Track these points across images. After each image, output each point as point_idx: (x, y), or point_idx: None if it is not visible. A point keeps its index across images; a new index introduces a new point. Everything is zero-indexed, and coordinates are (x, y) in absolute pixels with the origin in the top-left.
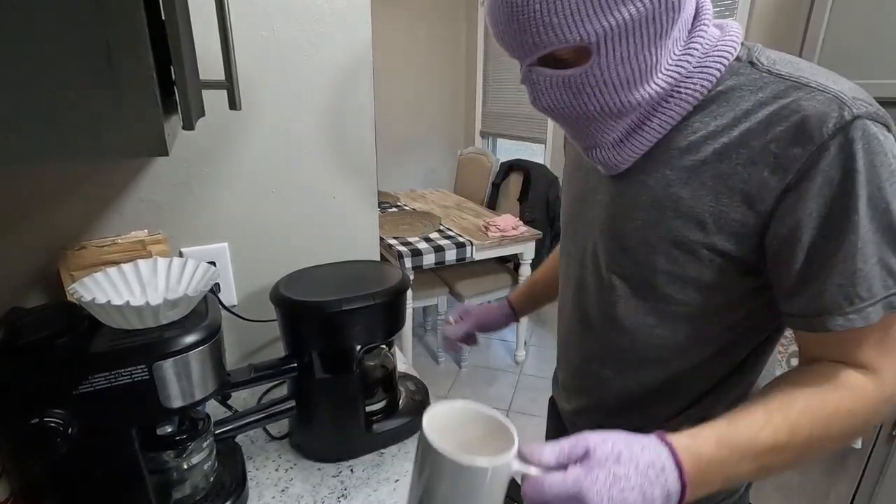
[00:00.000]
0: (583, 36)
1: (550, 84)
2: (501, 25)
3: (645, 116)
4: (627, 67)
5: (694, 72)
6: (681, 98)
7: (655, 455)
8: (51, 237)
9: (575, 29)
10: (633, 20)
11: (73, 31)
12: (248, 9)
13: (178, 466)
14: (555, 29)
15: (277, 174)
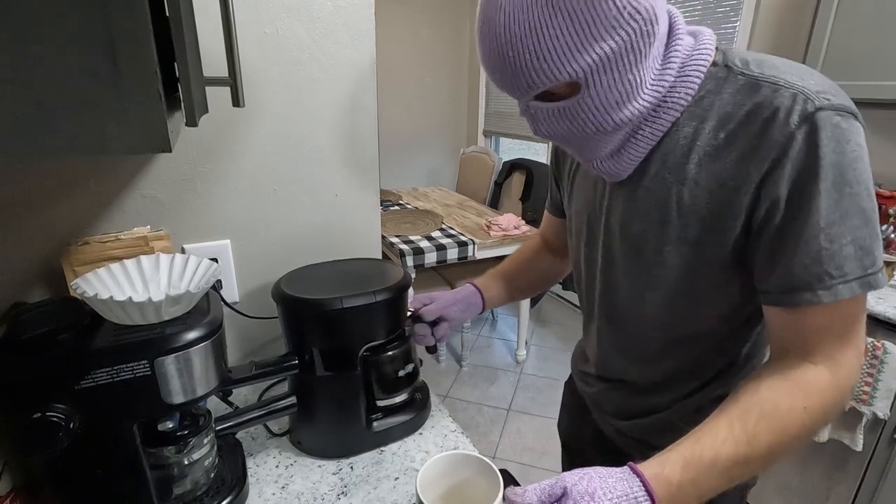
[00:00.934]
0: (570, 74)
1: (548, 115)
2: (497, 73)
3: (636, 128)
4: (615, 91)
5: (676, 83)
6: (667, 107)
7: (628, 487)
8: (54, 233)
9: (563, 69)
10: (613, 52)
11: (77, 28)
12: (251, 6)
13: (179, 462)
14: (545, 72)
15: (280, 171)
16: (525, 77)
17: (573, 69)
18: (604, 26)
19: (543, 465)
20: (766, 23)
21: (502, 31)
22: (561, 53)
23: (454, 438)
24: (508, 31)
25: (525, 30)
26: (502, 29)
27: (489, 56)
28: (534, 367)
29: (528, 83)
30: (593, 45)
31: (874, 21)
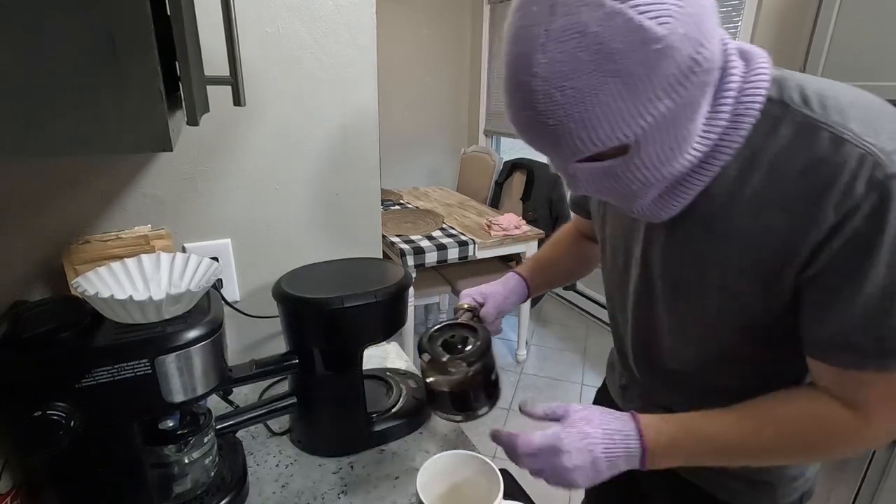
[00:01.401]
0: (620, 139)
1: (590, 175)
2: (535, 139)
3: (684, 177)
4: (666, 148)
5: (729, 128)
6: (719, 153)
7: (622, 425)
8: (55, 231)
9: (612, 135)
10: (669, 111)
11: (78, 27)
12: (252, 5)
13: (179, 461)
14: (592, 139)
15: (281, 171)
16: (568, 145)
17: (623, 134)
18: (661, 87)
19: None
20: (768, 23)
21: (540, 100)
22: (612, 121)
23: (454, 438)
24: (548, 99)
25: (570, 98)
26: (540, 97)
27: (522, 121)
28: (534, 367)
29: (571, 150)
30: (648, 108)
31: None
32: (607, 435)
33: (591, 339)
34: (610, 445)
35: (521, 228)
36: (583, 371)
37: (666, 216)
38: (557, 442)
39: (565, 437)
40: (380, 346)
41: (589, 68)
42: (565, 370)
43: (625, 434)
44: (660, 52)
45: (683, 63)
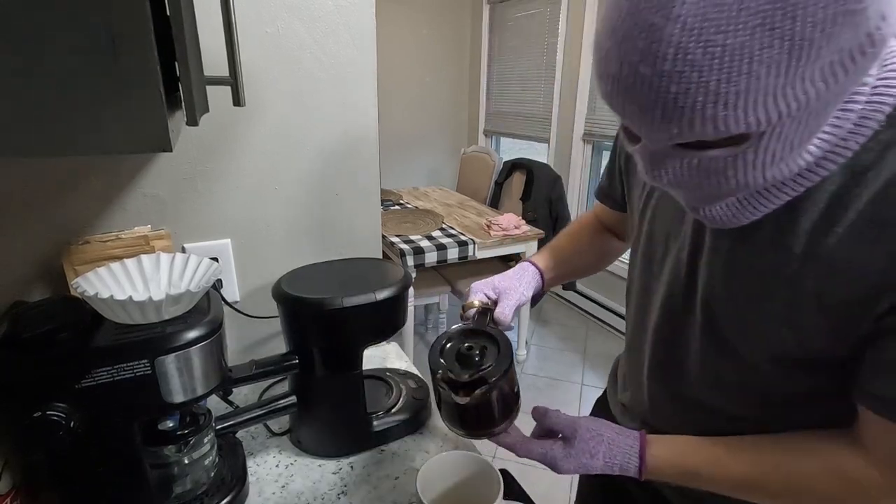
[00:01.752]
0: (751, 125)
1: (682, 164)
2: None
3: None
4: (787, 145)
5: (850, 131)
6: (828, 160)
7: (625, 459)
8: (54, 232)
9: (743, 119)
10: (817, 98)
11: (78, 27)
12: (252, 6)
13: (179, 461)
14: (718, 120)
15: (280, 171)
16: (682, 122)
17: (756, 119)
18: (824, 63)
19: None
20: None
21: (671, 54)
22: (755, 99)
23: (454, 438)
24: (683, 55)
25: (713, 60)
26: (673, 51)
27: (626, 80)
28: (534, 367)
29: (680, 131)
30: (799, 89)
31: None
32: (607, 465)
33: (591, 339)
34: (606, 470)
35: (520, 228)
36: (583, 371)
37: (736, 224)
38: (554, 464)
39: (563, 463)
40: (380, 347)
41: (755, 21)
42: (565, 370)
43: (624, 468)
44: (853, 16)
45: (861, 37)
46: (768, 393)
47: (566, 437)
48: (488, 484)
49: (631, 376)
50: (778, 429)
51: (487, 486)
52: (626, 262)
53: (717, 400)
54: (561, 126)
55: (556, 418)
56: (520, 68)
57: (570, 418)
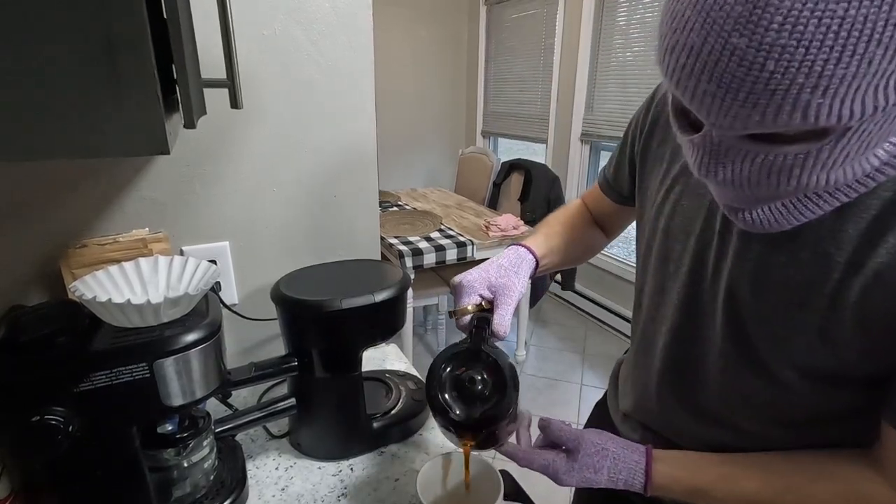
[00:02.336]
0: (843, 117)
1: (744, 159)
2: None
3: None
4: (863, 144)
5: None
6: (890, 166)
7: (631, 476)
8: (52, 235)
9: (837, 110)
10: None
11: (74, 30)
12: (249, 7)
13: (178, 464)
14: (807, 109)
15: (278, 173)
16: (771, 109)
17: (854, 110)
18: None
19: None
20: None
21: (779, 23)
22: (862, 88)
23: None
24: (793, 26)
25: (831, 33)
26: (781, 18)
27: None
28: (533, 368)
29: (762, 119)
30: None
31: None
32: (611, 480)
33: (590, 339)
34: (610, 485)
35: (519, 229)
36: (582, 371)
37: (777, 229)
38: (556, 476)
39: (566, 477)
40: (379, 348)
41: None
42: (565, 370)
43: (629, 483)
44: None
45: None
46: (790, 406)
47: (570, 451)
48: (489, 485)
49: (637, 381)
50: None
51: (488, 488)
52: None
53: (733, 411)
54: (558, 127)
55: (560, 430)
56: (517, 69)
57: (574, 431)
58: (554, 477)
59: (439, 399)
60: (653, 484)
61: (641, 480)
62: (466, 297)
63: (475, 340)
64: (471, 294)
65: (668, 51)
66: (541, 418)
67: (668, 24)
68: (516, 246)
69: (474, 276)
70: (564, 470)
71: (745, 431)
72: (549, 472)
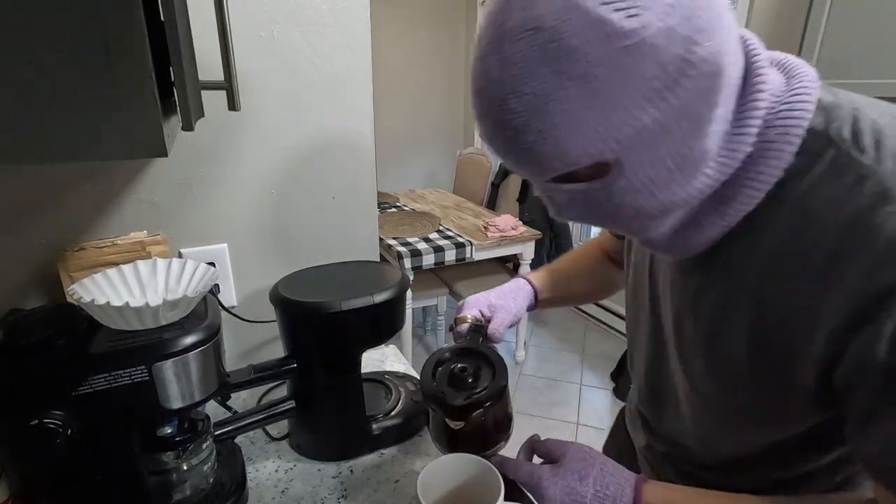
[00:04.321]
0: (594, 155)
1: (570, 199)
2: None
3: (700, 210)
4: (661, 168)
5: (757, 156)
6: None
7: (619, 493)
8: (50, 238)
9: (583, 150)
10: (657, 123)
11: (71, 32)
12: (247, 10)
13: (177, 467)
14: (557, 155)
15: (277, 175)
16: (534, 161)
17: (598, 150)
18: (641, 93)
19: None
20: (760, 19)
21: (497, 108)
22: (580, 133)
23: None
24: (504, 106)
25: (527, 105)
26: (497, 105)
27: (485, 132)
28: (533, 368)
29: (538, 168)
30: (625, 118)
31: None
32: (597, 498)
33: (589, 339)
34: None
35: (517, 230)
36: (581, 371)
37: (681, 255)
38: (539, 487)
39: (549, 486)
40: (378, 349)
41: (545, 70)
42: (564, 370)
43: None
44: (630, 50)
45: (670, 64)
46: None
47: (555, 458)
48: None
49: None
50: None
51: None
52: None
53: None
54: None
55: (548, 442)
56: None
57: (562, 442)
58: (537, 484)
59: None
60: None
61: (630, 495)
62: (467, 309)
63: (471, 340)
64: (472, 308)
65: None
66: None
67: None
68: (520, 279)
69: (478, 296)
70: (548, 476)
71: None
72: (532, 479)
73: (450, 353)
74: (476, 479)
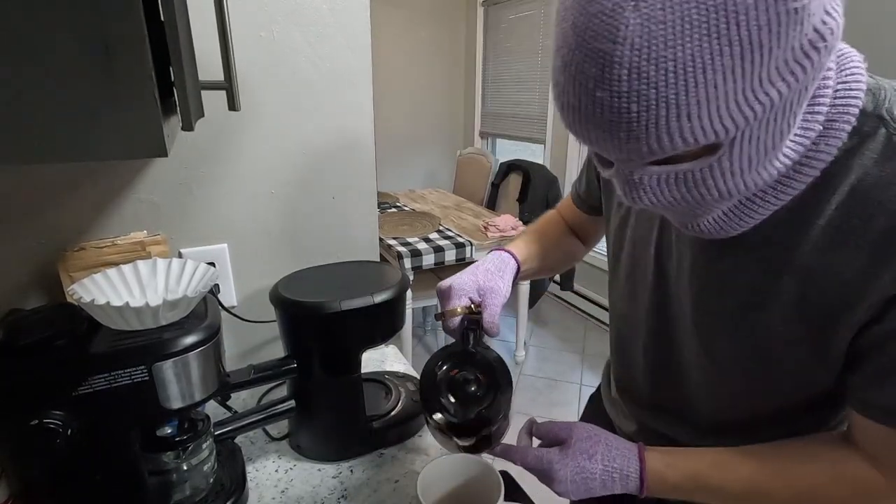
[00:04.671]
0: (719, 132)
1: (659, 182)
2: (602, 132)
3: (762, 191)
4: (761, 148)
5: (820, 135)
6: (807, 166)
7: (625, 464)
8: (50, 238)
9: (712, 126)
10: (780, 98)
11: (71, 32)
12: (246, 10)
13: (177, 468)
14: (685, 133)
15: (276, 175)
16: (651, 141)
17: (725, 126)
18: (780, 63)
19: None
20: None
21: (625, 77)
22: (719, 107)
23: None
24: (638, 75)
25: (668, 74)
26: (626, 73)
27: (586, 108)
28: (533, 368)
29: (649, 149)
30: (759, 91)
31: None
32: (606, 472)
33: (589, 339)
34: (607, 482)
35: (517, 230)
36: (581, 371)
37: (721, 236)
38: (550, 471)
39: (560, 468)
40: (378, 349)
41: (701, 32)
42: (564, 371)
43: (625, 474)
44: (795, 14)
45: (809, 33)
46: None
47: (562, 440)
48: (489, 486)
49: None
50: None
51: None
52: None
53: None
54: (556, 127)
55: (552, 426)
56: (515, 70)
57: (565, 423)
58: (548, 469)
59: (435, 402)
60: (648, 469)
61: (636, 466)
62: (456, 299)
63: (467, 342)
64: (461, 297)
65: (560, 110)
66: (534, 425)
67: (554, 88)
68: (498, 251)
69: (463, 279)
70: (558, 459)
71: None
72: (542, 464)
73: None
74: (476, 479)
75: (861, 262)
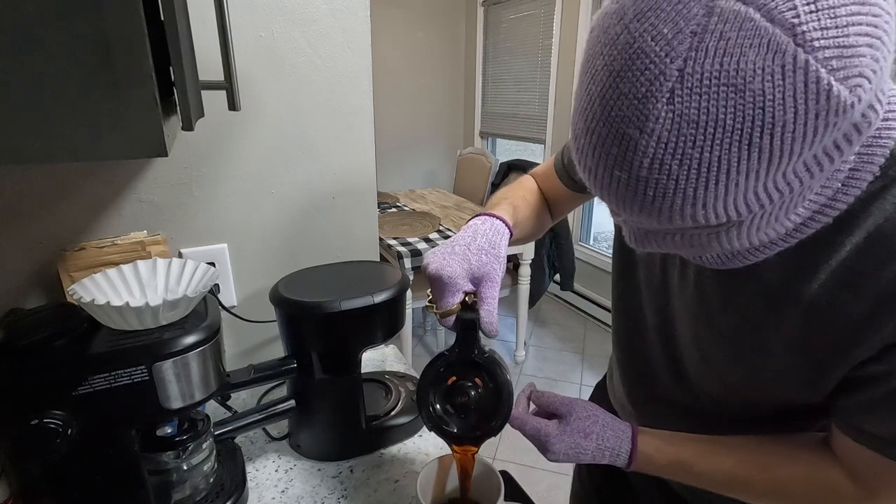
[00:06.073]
0: (731, 217)
1: (665, 237)
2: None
3: None
4: (772, 217)
5: (841, 187)
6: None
7: (617, 443)
8: (50, 238)
9: (723, 214)
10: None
11: (71, 32)
12: (247, 9)
13: (177, 467)
14: (696, 215)
15: (277, 175)
16: (663, 218)
17: (741, 211)
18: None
19: (543, 466)
20: None
21: (647, 164)
22: (735, 198)
23: None
24: (660, 167)
25: (690, 171)
26: (649, 161)
27: (603, 178)
28: (533, 368)
29: (662, 223)
30: (783, 181)
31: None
32: (599, 449)
33: (589, 339)
34: (597, 457)
35: None
36: (581, 371)
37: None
38: (547, 443)
39: (556, 442)
40: (378, 349)
41: (732, 138)
42: (564, 371)
43: (616, 453)
44: (835, 126)
45: (846, 129)
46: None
47: (562, 415)
48: (489, 486)
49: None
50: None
51: (488, 488)
52: None
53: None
54: (556, 127)
55: (554, 398)
56: (515, 70)
57: (567, 398)
58: (545, 441)
59: (434, 415)
60: (638, 451)
61: (627, 448)
62: (450, 296)
63: (465, 348)
64: (454, 292)
65: (577, 163)
66: (533, 392)
67: (573, 140)
68: (490, 217)
69: (454, 267)
70: (556, 434)
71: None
72: (540, 435)
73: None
74: (476, 479)
75: (868, 306)
